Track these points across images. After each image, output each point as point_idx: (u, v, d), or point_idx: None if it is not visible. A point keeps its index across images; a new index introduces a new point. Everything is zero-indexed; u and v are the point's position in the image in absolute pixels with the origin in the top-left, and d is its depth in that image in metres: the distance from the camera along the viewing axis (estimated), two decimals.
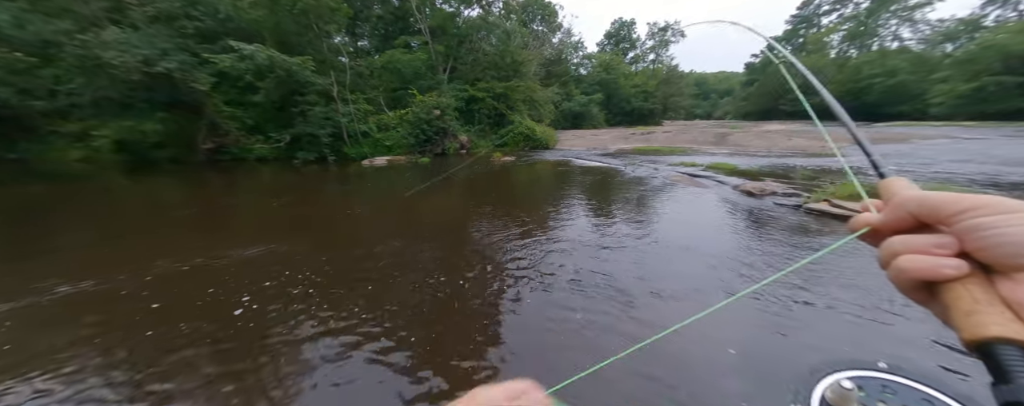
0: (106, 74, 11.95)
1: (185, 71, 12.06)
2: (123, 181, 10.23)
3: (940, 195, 0.28)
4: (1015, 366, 0.21)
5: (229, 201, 7.53)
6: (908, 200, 0.30)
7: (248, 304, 2.84)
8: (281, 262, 3.63)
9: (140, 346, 2.34)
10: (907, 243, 0.29)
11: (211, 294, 3.02)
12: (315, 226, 5.24)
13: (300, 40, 14.62)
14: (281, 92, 13.29)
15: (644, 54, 48.55)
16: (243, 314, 2.70)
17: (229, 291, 3.06)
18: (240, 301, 2.88)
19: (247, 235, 4.87)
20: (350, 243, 4.27)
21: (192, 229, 5.31)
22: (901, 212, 0.30)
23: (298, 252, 3.92)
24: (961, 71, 28.31)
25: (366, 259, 3.74)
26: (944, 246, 0.27)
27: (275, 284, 3.17)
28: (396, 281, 3.22)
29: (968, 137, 13.71)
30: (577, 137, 21.51)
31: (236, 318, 2.65)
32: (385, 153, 14.29)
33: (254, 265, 3.61)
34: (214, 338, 2.41)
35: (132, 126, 13.01)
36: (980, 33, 32.58)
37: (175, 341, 2.38)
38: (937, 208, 0.28)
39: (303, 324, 2.57)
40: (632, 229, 4.56)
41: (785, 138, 16.08)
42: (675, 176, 8.37)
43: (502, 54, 19.58)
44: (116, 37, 11.40)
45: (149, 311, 2.78)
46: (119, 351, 2.30)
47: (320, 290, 3.05)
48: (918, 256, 0.28)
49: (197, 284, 3.20)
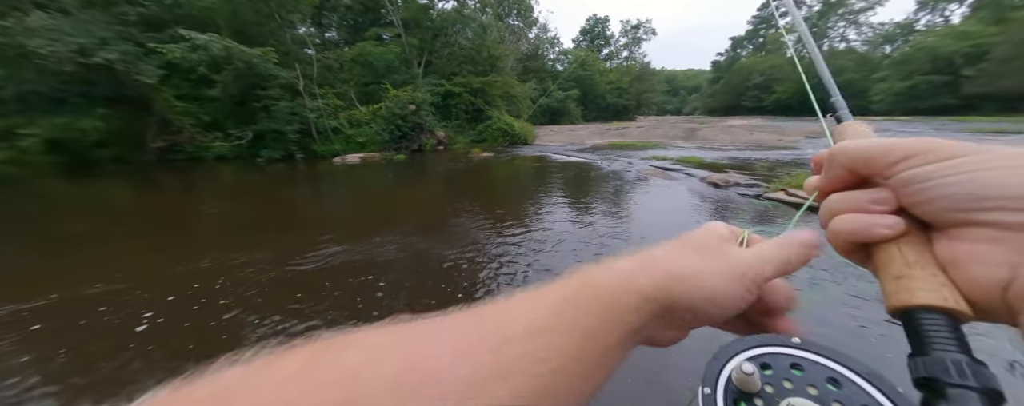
0: (32, 65, 10.65)
1: (128, 62, 10.97)
2: (56, 186, 9.22)
3: (872, 143, 0.25)
4: (936, 336, 0.19)
5: (163, 205, 6.98)
6: (839, 152, 0.27)
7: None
8: (224, 272, 3.43)
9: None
10: (843, 201, 0.26)
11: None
12: (272, 228, 4.99)
13: (260, 30, 13.70)
14: (240, 86, 12.42)
15: (618, 51, 49.70)
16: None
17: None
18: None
19: (181, 247, 4.55)
20: (309, 246, 4.11)
21: (119, 240, 4.89)
22: (836, 167, 0.27)
23: (250, 261, 3.70)
24: (897, 71, 31.21)
25: (328, 261, 3.61)
26: (880, 202, 0.24)
27: (218, 295, 2.99)
28: (361, 284, 3.14)
29: (903, 130, 15.16)
30: (555, 133, 21.74)
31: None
32: (358, 150, 13.77)
33: (173, 281, 3.38)
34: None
35: (67, 124, 11.70)
36: (913, 36, 36.02)
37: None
38: (870, 159, 0.25)
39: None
40: (609, 222, 4.69)
41: (747, 133, 17.08)
42: (648, 170, 8.67)
43: (478, 48, 19.35)
44: (43, 23, 10.16)
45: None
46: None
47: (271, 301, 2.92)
48: (853, 215, 0.25)
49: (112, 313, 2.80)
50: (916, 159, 0.23)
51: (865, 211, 0.25)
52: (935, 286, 0.20)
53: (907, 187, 0.23)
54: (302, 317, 2.58)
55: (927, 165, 0.22)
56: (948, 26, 32.19)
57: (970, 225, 0.21)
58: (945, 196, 0.21)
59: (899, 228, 0.23)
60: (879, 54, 39.83)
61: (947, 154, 0.22)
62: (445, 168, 10.72)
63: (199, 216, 5.95)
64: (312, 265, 3.48)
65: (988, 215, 0.20)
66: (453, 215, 5.21)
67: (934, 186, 0.22)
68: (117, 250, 4.12)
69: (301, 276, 3.24)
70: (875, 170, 0.25)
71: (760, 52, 53.96)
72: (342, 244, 3.98)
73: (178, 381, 0.14)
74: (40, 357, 2.21)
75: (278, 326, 2.47)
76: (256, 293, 2.94)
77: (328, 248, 3.87)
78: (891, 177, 0.24)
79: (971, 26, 27.53)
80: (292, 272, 3.32)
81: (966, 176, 0.21)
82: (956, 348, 0.18)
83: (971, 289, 0.20)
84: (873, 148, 0.25)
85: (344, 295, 2.91)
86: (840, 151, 0.26)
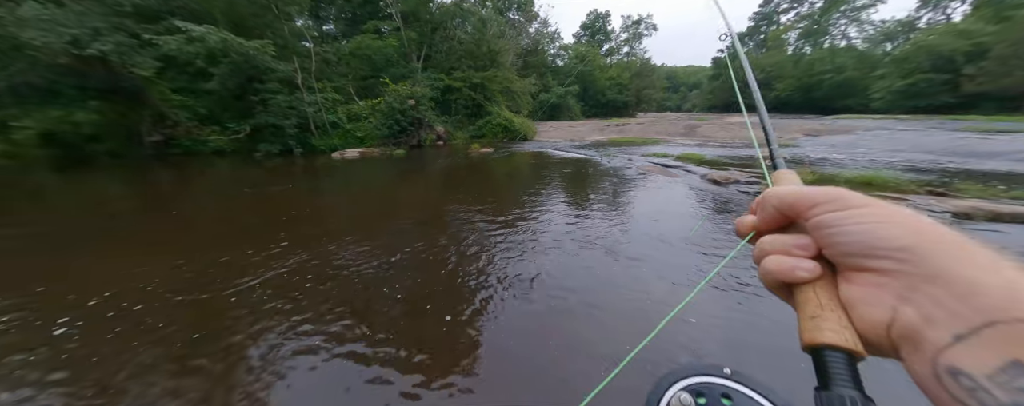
0: (25, 57, 10.47)
1: (123, 54, 10.80)
2: (52, 179, 9.15)
3: (795, 191, 0.29)
4: (837, 373, 0.22)
5: (161, 201, 6.96)
6: (770, 196, 0.30)
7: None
8: (240, 265, 3.44)
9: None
10: (773, 243, 0.29)
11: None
12: (262, 226, 4.98)
13: (257, 22, 13.51)
14: (238, 79, 12.29)
15: (618, 47, 49.33)
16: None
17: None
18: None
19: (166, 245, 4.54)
20: (311, 241, 4.11)
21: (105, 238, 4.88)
22: (768, 209, 0.30)
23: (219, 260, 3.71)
24: (897, 69, 31.11)
25: (329, 258, 3.62)
26: (803, 247, 0.27)
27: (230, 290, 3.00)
28: (364, 280, 3.15)
29: (902, 129, 15.17)
30: (554, 128, 21.67)
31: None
32: (357, 145, 13.70)
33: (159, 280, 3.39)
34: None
35: (61, 116, 11.55)
36: (914, 34, 35.88)
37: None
38: (793, 205, 0.28)
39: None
40: (608, 219, 4.70)
41: (747, 130, 17.04)
42: (648, 167, 8.67)
43: (478, 43, 19.18)
44: (36, 14, 9.98)
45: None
46: None
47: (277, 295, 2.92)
48: (779, 257, 0.28)
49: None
50: (826, 206, 0.26)
51: (790, 254, 0.28)
52: (839, 328, 0.24)
53: (818, 231, 0.26)
54: (302, 309, 2.59)
55: (837, 212, 0.25)
56: (949, 24, 32.10)
57: (863, 270, 0.24)
58: (846, 242, 0.25)
59: (816, 272, 0.26)
60: (880, 52, 39.71)
61: (854, 203, 0.25)
62: (445, 164, 10.68)
63: (200, 216, 5.93)
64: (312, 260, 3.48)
65: (875, 262, 0.23)
66: (454, 212, 5.21)
67: (838, 232, 0.25)
68: (96, 254, 4.10)
69: (308, 269, 3.25)
70: (797, 213, 0.28)
71: (761, 50, 53.69)
72: (352, 237, 3.99)
73: None
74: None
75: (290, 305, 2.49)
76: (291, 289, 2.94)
77: (343, 244, 3.87)
78: (808, 220, 0.27)
79: (972, 24, 27.44)
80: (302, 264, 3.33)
81: (863, 226, 0.24)
82: (851, 385, 0.22)
83: (864, 328, 0.24)
84: (796, 194, 0.28)
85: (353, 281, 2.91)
86: (771, 195, 0.30)
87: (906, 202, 4.49)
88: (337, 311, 2.58)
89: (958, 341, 0.19)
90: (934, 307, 0.21)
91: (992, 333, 0.18)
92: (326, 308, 2.62)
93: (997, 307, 0.19)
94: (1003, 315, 0.18)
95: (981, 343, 0.18)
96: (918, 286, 0.22)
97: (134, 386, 1.90)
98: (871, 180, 5.76)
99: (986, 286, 0.19)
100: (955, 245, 0.22)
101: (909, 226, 0.23)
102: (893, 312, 0.22)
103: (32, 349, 2.19)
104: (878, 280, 0.23)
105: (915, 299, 0.22)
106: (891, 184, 5.55)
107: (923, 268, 0.22)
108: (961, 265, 0.21)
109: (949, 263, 0.21)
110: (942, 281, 0.21)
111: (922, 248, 0.22)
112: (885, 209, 0.24)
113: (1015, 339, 0.18)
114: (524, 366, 2.05)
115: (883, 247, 0.23)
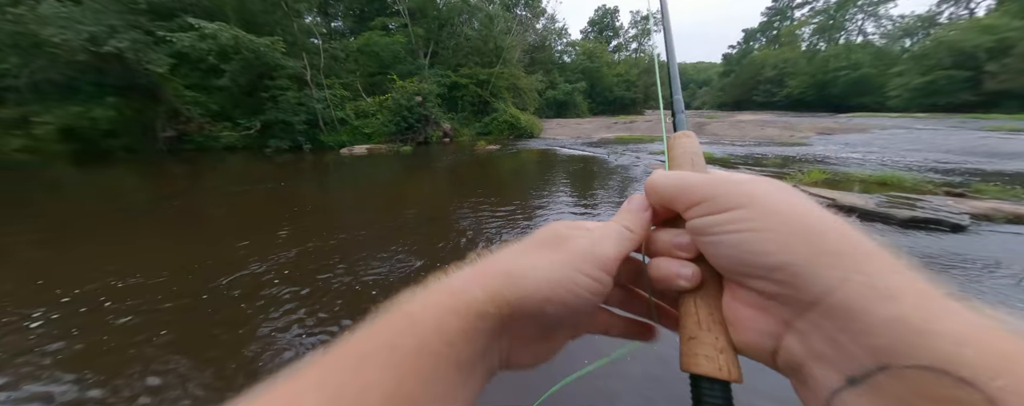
0: (45, 54, 10.77)
1: (138, 51, 11.04)
2: (72, 173, 9.44)
3: (672, 183, 0.24)
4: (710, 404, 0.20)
5: (177, 196, 7.12)
6: (649, 188, 0.26)
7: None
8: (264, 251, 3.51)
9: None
10: (658, 241, 0.25)
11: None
12: (276, 223, 5.07)
13: (267, 19, 13.67)
14: (248, 76, 12.47)
15: (627, 43, 48.75)
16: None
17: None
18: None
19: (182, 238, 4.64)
20: (320, 234, 4.18)
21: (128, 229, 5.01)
22: (653, 201, 0.26)
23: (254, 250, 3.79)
24: (916, 65, 30.20)
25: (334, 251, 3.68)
26: (683, 247, 0.24)
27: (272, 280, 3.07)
28: (365, 271, 3.20)
29: (920, 128, 14.77)
30: (561, 126, 21.56)
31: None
32: (365, 141, 13.82)
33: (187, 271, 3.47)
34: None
35: (80, 112, 11.88)
36: (935, 30, 34.72)
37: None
38: (672, 200, 0.24)
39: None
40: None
41: (758, 128, 16.77)
42: (656, 165, 8.61)
43: (485, 39, 19.13)
44: (56, 11, 10.24)
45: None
46: None
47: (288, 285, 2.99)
48: (662, 260, 0.24)
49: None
50: (704, 206, 0.22)
51: (671, 255, 0.24)
52: (714, 353, 0.21)
53: (698, 236, 0.22)
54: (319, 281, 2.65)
55: (711, 215, 0.21)
56: (972, 19, 31.00)
57: (744, 288, 0.21)
58: (723, 255, 0.21)
59: (695, 281, 0.23)
60: (898, 48, 38.57)
61: (730, 203, 0.21)
62: (452, 161, 10.72)
63: (222, 205, 6.07)
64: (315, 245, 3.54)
65: (754, 282, 0.20)
66: (460, 208, 5.24)
67: (714, 242, 0.21)
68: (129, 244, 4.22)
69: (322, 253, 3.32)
70: (677, 210, 0.24)
71: (773, 45, 52.54)
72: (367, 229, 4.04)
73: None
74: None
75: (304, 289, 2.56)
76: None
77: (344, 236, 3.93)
78: (688, 221, 0.23)
79: (996, 19, 26.46)
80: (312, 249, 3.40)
81: (736, 237, 0.20)
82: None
83: (746, 350, 0.21)
84: (671, 188, 0.24)
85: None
86: (650, 187, 0.25)
87: (922, 203, 4.38)
88: (342, 300, 2.64)
89: (852, 385, 0.16)
90: (820, 341, 0.18)
91: (887, 380, 0.15)
92: (328, 298, 2.68)
93: (887, 348, 0.16)
94: (894, 359, 0.15)
95: (877, 391, 0.16)
96: (801, 313, 0.18)
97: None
98: (885, 180, 5.63)
99: (874, 320, 0.16)
100: (841, 258, 0.18)
101: (789, 234, 0.19)
102: (776, 341, 0.20)
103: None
104: (759, 302, 0.20)
105: (799, 328, 0.19)
106: (907, 184, 5.42)
107: (803, 292, 0.18)
108: (845, 289, 0.17)
109: (833, 285, 0.17)
110: (824, 309, 0.17)
111: (799, 266, 0.18)
112: (764, 210, 0.20)
113: (913, 390, 0.15)
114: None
115: (758, 265, 0.19)
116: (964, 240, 3.58)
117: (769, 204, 0.20)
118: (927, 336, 0.15)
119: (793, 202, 0.20)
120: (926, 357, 0.14)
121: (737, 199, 0.20)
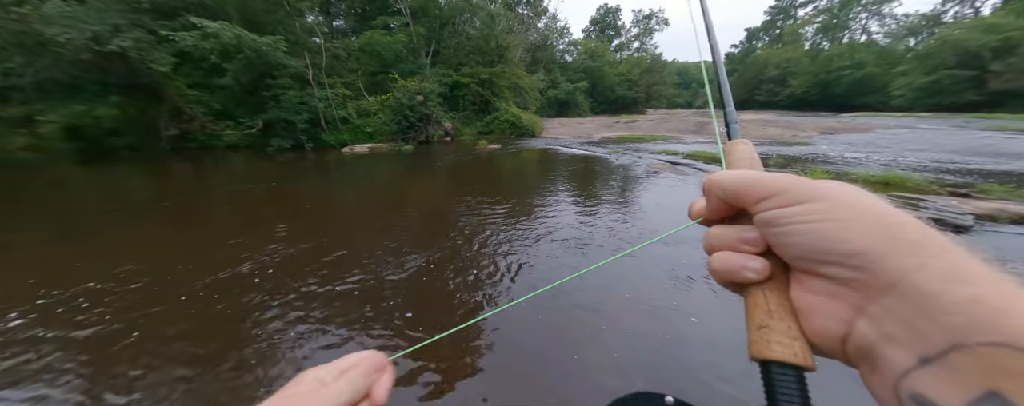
0: (50, 53, 10.83)
1: (141, 50, 11.08)
2: (76, 172, 9.49)
3: (739, 179, 0.25)
4: (783, 391, 0.21)
5: (182, 194, 7.15)
6: (713, 186, 0.27)
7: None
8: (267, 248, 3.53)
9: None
10: (720, 237, 0.26)
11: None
12: (273, 220, 5.09)
13: (269, 18, 13.69)
14: (251, 75, 12.50)
15: (629, 42, 48.61)
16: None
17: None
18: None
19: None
20: (319, 234, 4.19)
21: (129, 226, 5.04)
22: (713, 198, 0.27)
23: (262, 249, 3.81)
24: (920, 65, 29.98)
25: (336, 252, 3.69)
26: (751, 242, 0.24)
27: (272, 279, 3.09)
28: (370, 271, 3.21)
29: (924, 127, 14.67)
30: (562, 125, 21.53)
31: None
32: (366, 140, 13.84)
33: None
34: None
35: (84, 111, 11.94)
36: (939, 28, 34.45)
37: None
38: (739, 195, 0.25)
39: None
40: (616, 217, 4.69)
41: (760, 128, 16.71)
42: (657, 164, 8.58)
43: (486, 38, 19.11)
44: (60, 11, 10.28)
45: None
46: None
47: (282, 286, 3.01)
48: (726, 254, 0.25)
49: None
50: (775, 199, 0.23)
51: (737, 250, 0.25)
52: (788, 340, 0.22)
53: (768, 228, 0.23)
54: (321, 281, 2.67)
55: (784, 208, 0.22)
56: (977, 18, 30.74)
57: (815, 275, 0.22)
58: (795, 244, 0.22)
59: (764, 273, 0.24)
60: (902, 47, 38.28)
61: (803, 197, 0.22)
62: (453, 160, 10.73)
63: (225, 202, 6.09)
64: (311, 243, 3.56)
65: (827, 269, 0.21)
66: (460, 207, 5.25)
67: (787, 231, 0.22)
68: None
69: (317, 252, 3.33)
70: (744, 204, 0.25)
71: (776, 44, 52.26)
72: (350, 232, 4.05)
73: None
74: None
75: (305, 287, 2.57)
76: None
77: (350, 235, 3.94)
78: (756, 214, 0.24)
79: (1001, 18, 26.22)
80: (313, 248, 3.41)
81: (812, 226, 0.21)
82: (799, 402, 0.21)
83: (815, 338, 0.22)
84: (739, 184, 0.25)
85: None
86: (713, 183, 0.26)
87: (925, 203, 4.36)
88: (349, 290, 2.65)
89: (924, 365, 0.17)
90: (893, 323, 0.18)
91: (961, 358, 0.16)
92: (337, 291, 2.69)
93: (963, 327, 0.16)
94: (969, 337, 0.16)
95: (950, 369, 0.16)
96: (875, 298, 0.19)
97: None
98: (889, 180, 5.60)
99: (951, 301, 0.17)
100: (919, 247, 0.18)
101: (866, 224, 0.20)
102: (848, 327, 0.20)
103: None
104: (831, 288, 0.21)
105: (872, 312, 0.19)
106: (910, 184, 5.39)
107: (879, 277, 0.19)
108: (923, 273, 0.18)
109: (909, 271, 0.18)
110: (900, 292, 0.18)
111: (877, 252, 0.19)
112: (839, 202, 0.21)
113: (989, 365, 0.15)
114: (528, 352, 2.08)
115: (834, 252, 0.20)
116: (968, 241, 3.47)
117: (844, 197, 0.21)
118: (1003, 314, 0.15)
119: (866, 197, 0.21)
120: (1001, 334, 0.15)
121: (809, 193, 0.22)
